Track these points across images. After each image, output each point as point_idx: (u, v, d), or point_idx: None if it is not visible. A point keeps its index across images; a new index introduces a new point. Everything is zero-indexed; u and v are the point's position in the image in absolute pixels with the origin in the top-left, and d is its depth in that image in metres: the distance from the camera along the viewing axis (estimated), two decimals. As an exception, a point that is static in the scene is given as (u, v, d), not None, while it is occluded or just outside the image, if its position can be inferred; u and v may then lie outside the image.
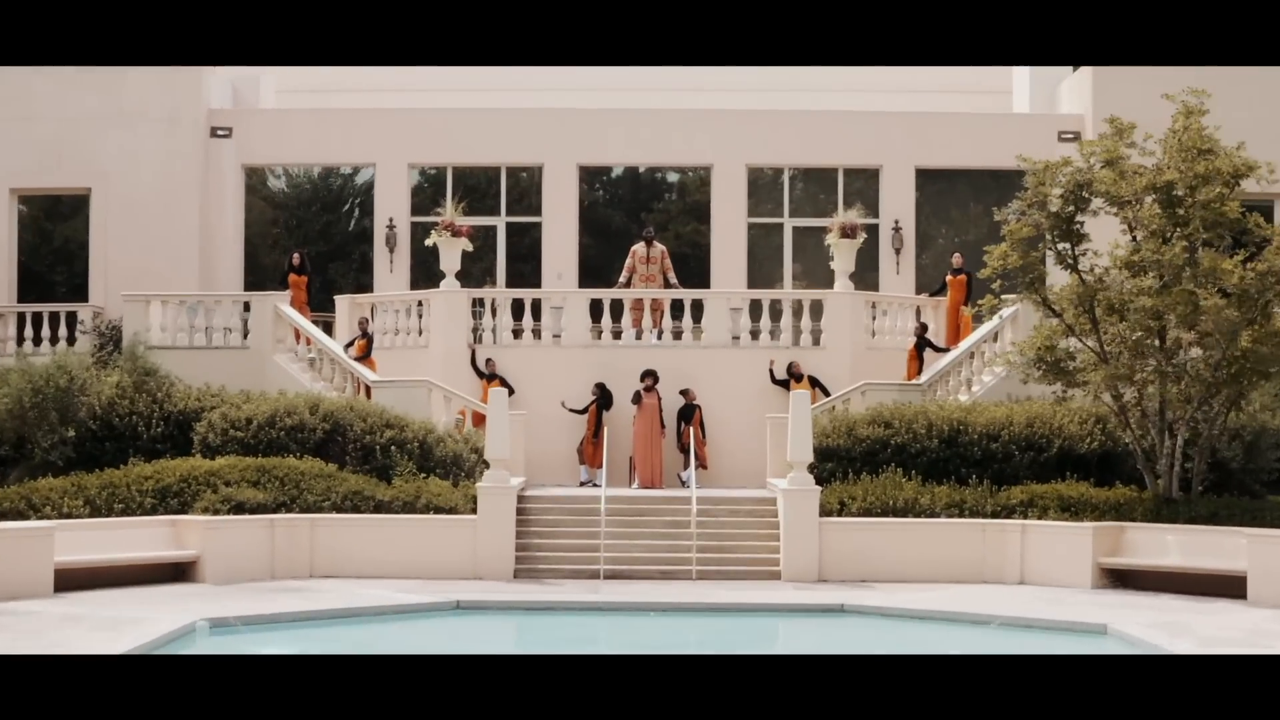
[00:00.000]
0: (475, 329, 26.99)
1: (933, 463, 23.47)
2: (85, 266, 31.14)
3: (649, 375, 25.68)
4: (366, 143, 31.85)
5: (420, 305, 27.23)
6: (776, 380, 26.38)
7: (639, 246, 27.60)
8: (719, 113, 31.68)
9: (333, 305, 29.01)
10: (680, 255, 29.92)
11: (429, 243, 27.11)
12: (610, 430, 25.69)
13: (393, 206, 31.64)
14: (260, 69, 32.68)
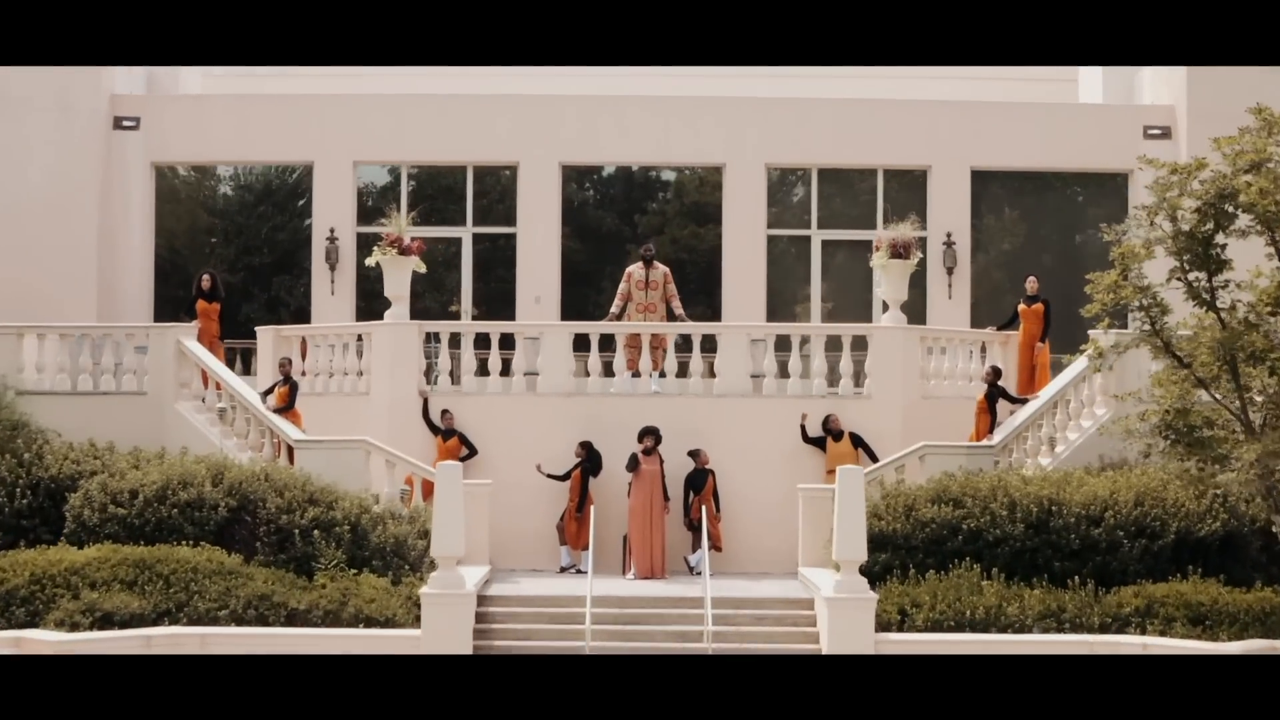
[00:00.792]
0: (429, 371, 21.99)
1: (1017, 554, 18.64)
2: (-49, 288, 25.95)
3: (649, 434, 20.70)
4: (303, 136, 26.92)
5: (360, 341, 22.18)
6: (810, 438, 21.40)
7: (635, 268, 22.56)
8: (732, 101, 26.88)
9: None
10: (676, 263, 25.27)
11: (370, 262, 22.07)
12: (600, 503, 20.75)
13: (334, 214, 26.70)
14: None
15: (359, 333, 22.33)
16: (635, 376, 21.80)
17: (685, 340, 22.55)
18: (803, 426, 21.44)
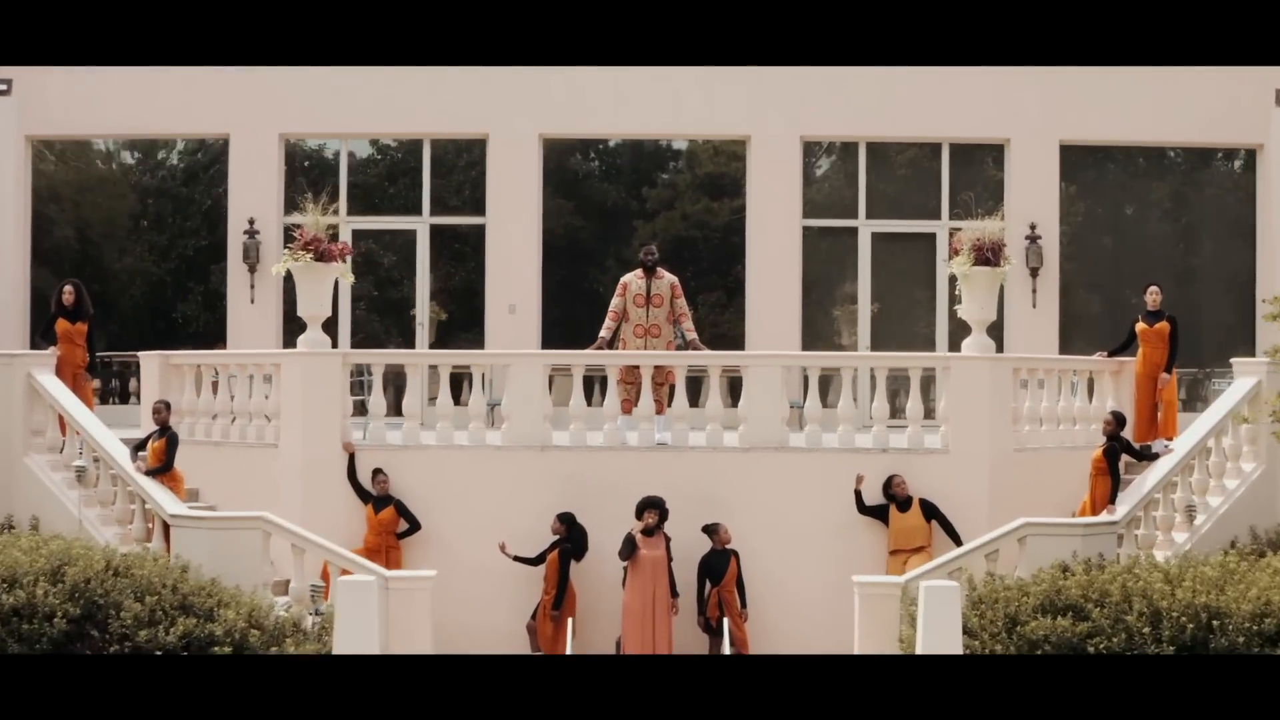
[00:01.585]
0: (358, 416, 16.96)
1: (1165, 688, 13.46)
2: None
3: (650, 509, 15.70)
4: (216, 104, 21.87)
5: (269, 377, 17.11)
6: (867, 507, 16.39)
7: (632, 278, 17.47)
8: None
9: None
10: (686, 241, 21.23)
11: (277, 270, 16.91)
12: (584, 596, 15.81)
13: (254, 201, 21.65)
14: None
15: (269, 364, 17.24)
16: (632, 426, 16.76)
17: (698, 374, 17.70)
18: (858, 492, 16.38)
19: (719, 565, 15.93)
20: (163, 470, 16.03)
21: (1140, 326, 17.93)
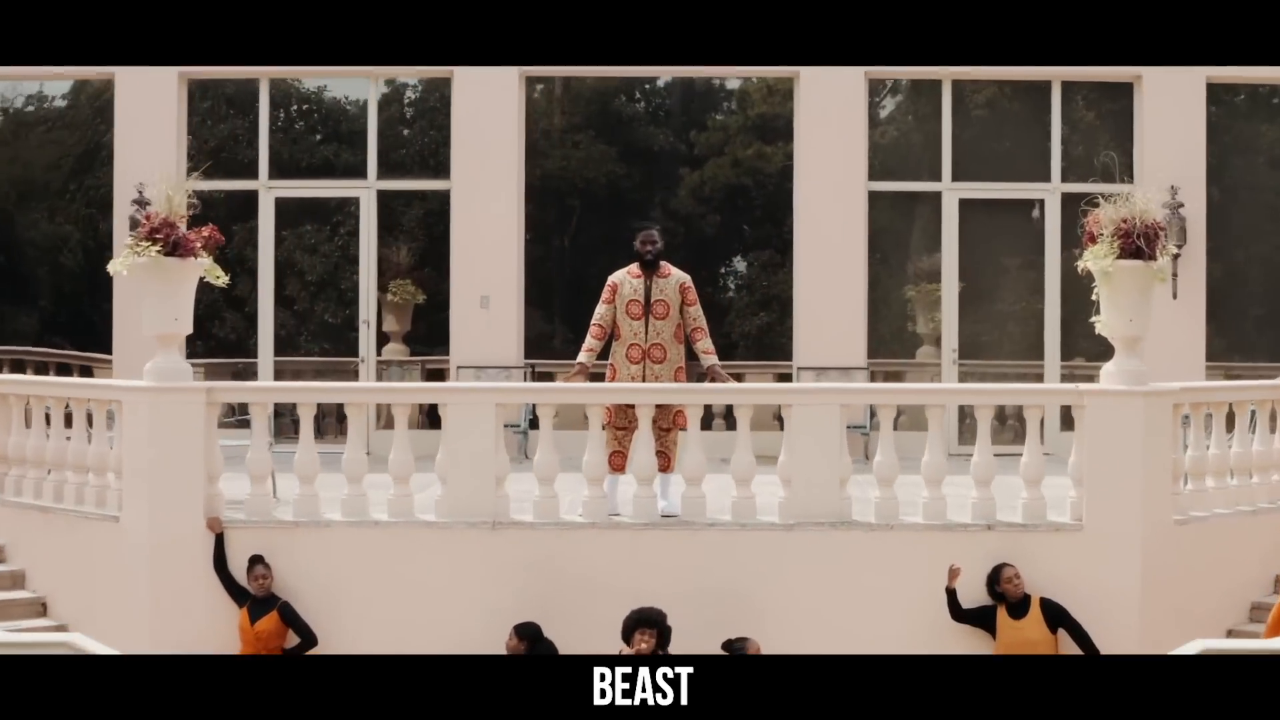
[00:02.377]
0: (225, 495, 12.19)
1: None
2: None
3: (645, 627, 10.93)
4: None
5: (111, 415, 12.31)
6: (964, 611, 11.58)
7: (625, 277, 12.43)
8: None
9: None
10: (739, 188, 17.74)
11: (114, 268, 11.98)
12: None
13: (143, 163, 16.89)
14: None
15: (106, 398, 12.42)
16: (624, 491, 11.93)
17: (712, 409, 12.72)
18: (951, 590, 11.48)
19: (749, 698, 11.05)
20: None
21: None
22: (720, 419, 16.74)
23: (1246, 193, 18.10)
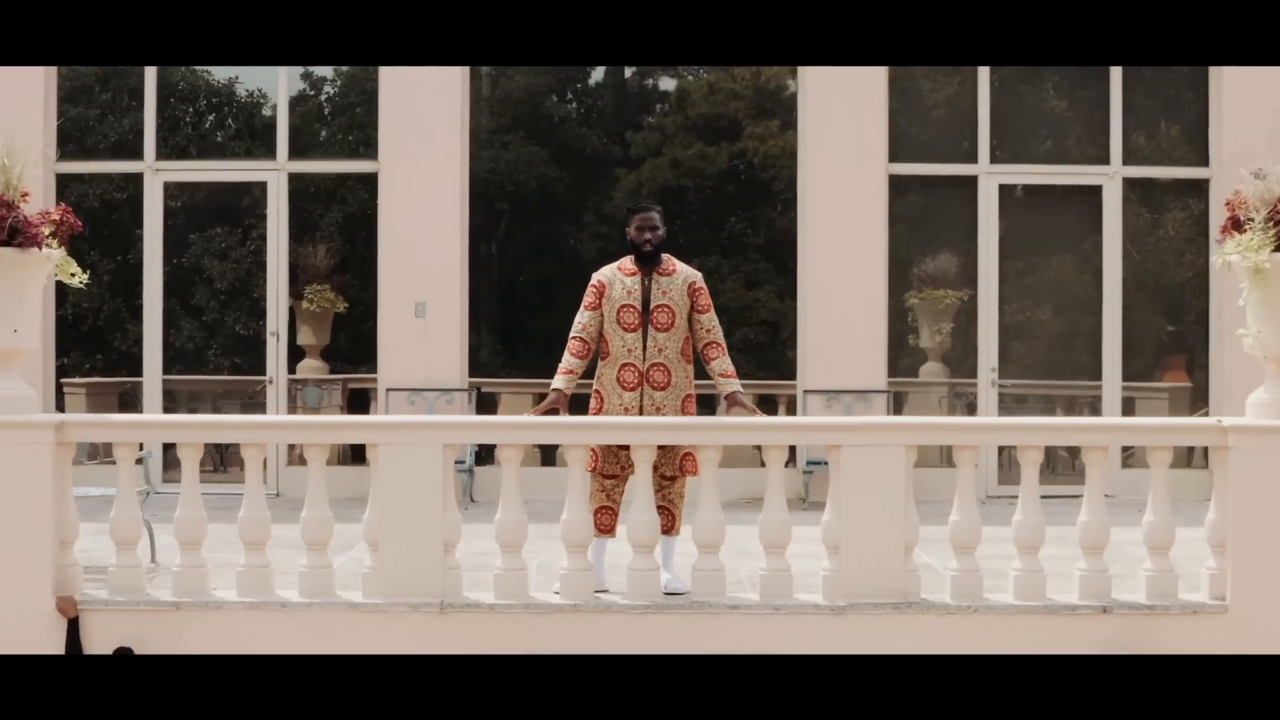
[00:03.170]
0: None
1: None
2: None
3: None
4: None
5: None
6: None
7: (614, 275, 9.58)
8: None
9: None
10: (676, 190, 15.67)
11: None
12: None
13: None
14: None
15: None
16: (616, 554, 9.17)
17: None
18: (1057, 695, 8.71)
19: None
20: None
21: None
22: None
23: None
